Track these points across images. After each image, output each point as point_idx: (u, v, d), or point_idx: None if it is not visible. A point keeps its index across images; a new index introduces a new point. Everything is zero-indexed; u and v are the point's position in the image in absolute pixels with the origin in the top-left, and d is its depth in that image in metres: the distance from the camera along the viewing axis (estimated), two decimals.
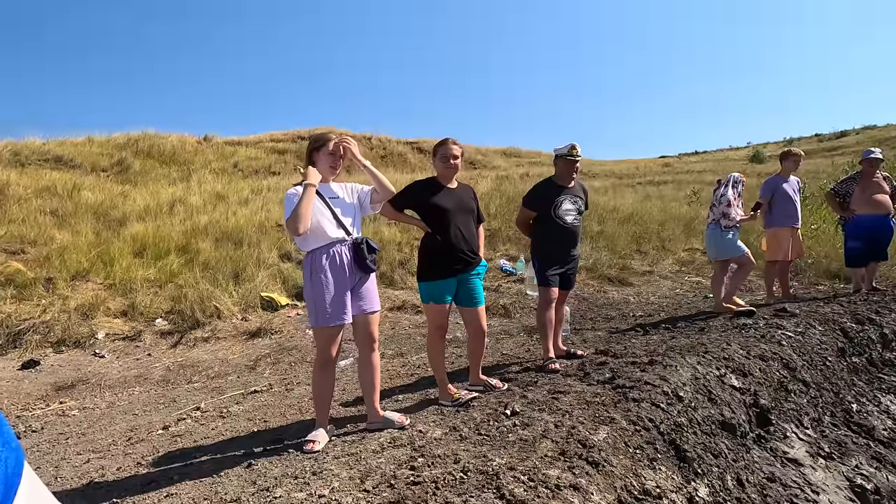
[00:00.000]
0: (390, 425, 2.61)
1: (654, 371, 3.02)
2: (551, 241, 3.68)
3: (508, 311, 6.33)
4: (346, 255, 2.60)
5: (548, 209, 3.63)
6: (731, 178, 5.16)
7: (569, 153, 3.68)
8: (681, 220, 11.51)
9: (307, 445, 2.45)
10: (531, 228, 3.79)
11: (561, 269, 3.70)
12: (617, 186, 17.54)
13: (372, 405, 2.69)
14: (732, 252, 4.99)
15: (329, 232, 2.57)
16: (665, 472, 2.19)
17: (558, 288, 3.71)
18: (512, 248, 9.32)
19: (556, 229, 3.65)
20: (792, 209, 5.27)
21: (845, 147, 33.36)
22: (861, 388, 3.85)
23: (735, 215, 4.92)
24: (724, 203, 4.95)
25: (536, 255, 3.72)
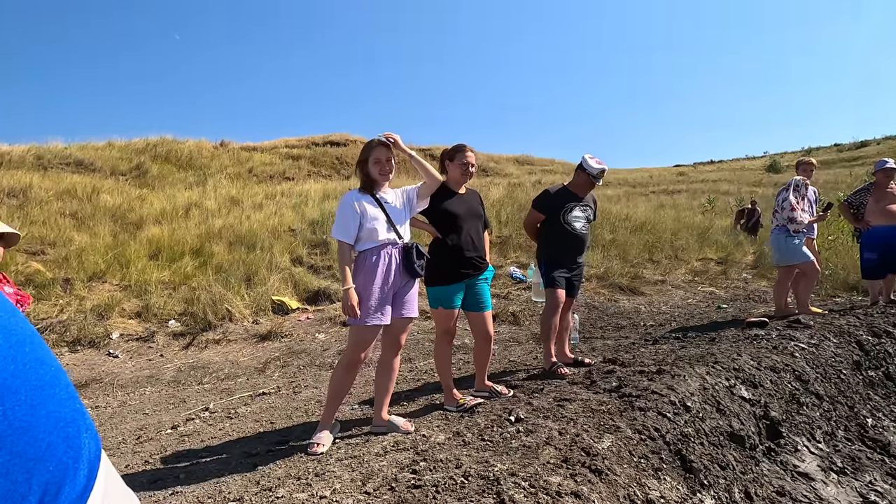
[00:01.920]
0: (394, 429, 2.62)
1: (661, 380, 2.99)
2: (558, 246, 3.67)
3: (517, 318, 6.30)
4: (395, 258, 2.66)
5: (557, 213, 3.63)
6: (792, 182, 5.18)
7: (598, 175, 3.65)
8: (694, 230, 11.38)
9: (312, 448, 2.46)
10: (538, 232, 3.78)
11: (567, 273, 3.68)
12: (630, 195, 17.43)
13: (380, 408, 2.70)
14: (796, 258, 5.04)
15: (381, 235, 2.62)
16: (670, 483, 2.16)
17: (563, 288, 3.69)
18: (522, 256, 9.29)
19: (565, 234, 3.64)
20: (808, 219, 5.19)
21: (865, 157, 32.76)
22: (877, 403, 3.76)
23: (802, 218, 4.94)
24: (787, 208, 4.98)
25: (542, 258, 3.71)
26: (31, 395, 0.31)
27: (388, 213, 2.67)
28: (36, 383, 0.32)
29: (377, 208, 2.65)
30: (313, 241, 8.78)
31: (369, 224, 2.60)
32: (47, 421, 0.32)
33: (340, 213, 2.61)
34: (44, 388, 0.32)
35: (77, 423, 0.35)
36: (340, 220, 2.61)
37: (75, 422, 0.35)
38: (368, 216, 2.61)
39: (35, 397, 0.31)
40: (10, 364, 0.30)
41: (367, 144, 2.71)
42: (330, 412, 2.65)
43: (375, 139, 2.69)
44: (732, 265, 9.49)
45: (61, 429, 0.33)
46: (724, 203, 15.54)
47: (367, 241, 2.61)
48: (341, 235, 2.61)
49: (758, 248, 10.11)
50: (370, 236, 2.61)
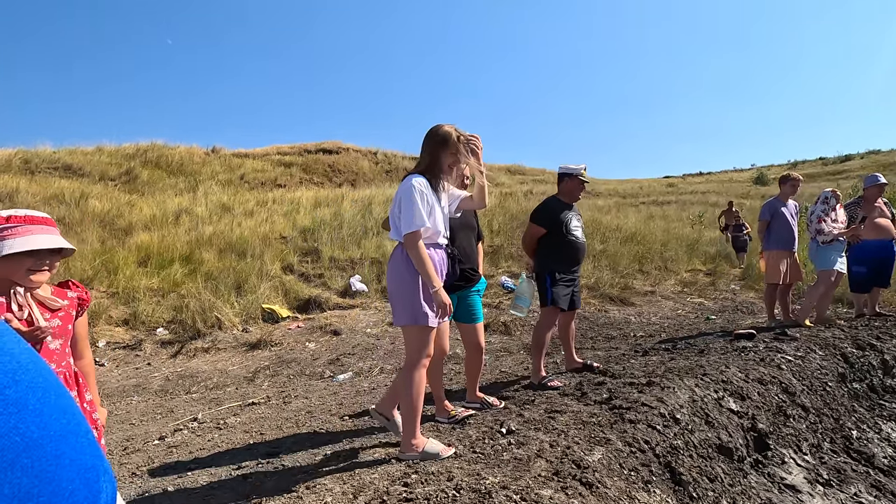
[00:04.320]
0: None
1: (651, 392, 3.01)
2: (565, 257, 3.69)
3: (509, 328, 6.32)
4: (445, 260, 2.48)
5: (559, 226, 3.66)
6: (823, 194, 5.36)
7: (580, 173, 3.73)
8: (684, 241, 11.51)
9: (444, 452, 2.31)
10: (538, 246, 3.78)
11: (571, 286, 3.71)
12: (620, 206, 17.59)
13: (389, 402, 2.61)
14: (821, 265, 5.23)
15: (441, 236, 2.41)
16: (659, 496, 2.17)
17: (568, 308, 3.72)
18: (514, 266, 9.33)
19: (570, 246, 3.67)
20: (788, 233, 5.27)
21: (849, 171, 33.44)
22: (862, 415, 3.81)
23: (829, 229, 5.10)
24: (814, 221, 5.18)
25: (545, 272, 3.68)
26: (56, 446, 0.32)
27: (443, 212, 2.45)
28: (60, 433, 0.33)
29: (439, 205, 2.39)
30: (304, 248, 8.75)
31: (436, 219, 2.32)
32: (70, 469, 0.33)
33: (411, 200, 2.23)
34: (67, 437, 0.34)
35: (97, 469, 0.36)
36: (414, 208, 2.22)
37: (95, 468, 0.36)
38: (435, 211, 2.33)
39: (59, 447, 0.33)
40: (38, 418, 0.32)
41: (452, 135, 2.36)
42: (415, 428, 2.37)
43: (464, 137, 2.39)
44: (721, 277, 9.61)
45: (82, 475, 0.34)
46: (712, 214, 15.74)
47: (427, 237, 2.31)
48: (420, 222, 2.21)
49: (746, 263, 10.23)
50: (433, 234, 2.33)
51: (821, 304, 5.42)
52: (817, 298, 5.35)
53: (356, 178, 21.06)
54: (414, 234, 2.23)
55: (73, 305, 1.70)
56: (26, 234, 1.49)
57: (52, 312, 1.61)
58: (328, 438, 2.87)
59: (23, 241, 1.47)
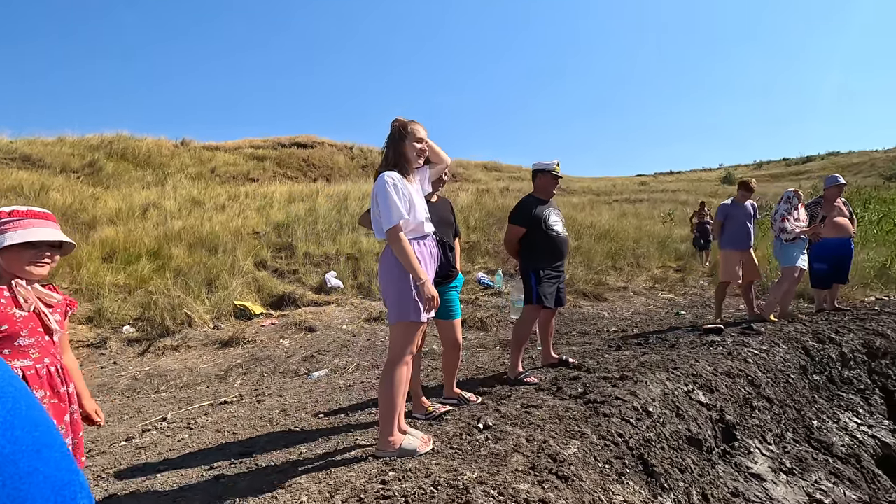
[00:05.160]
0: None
1: (624, 386, 3.07)
2: (548, 254, 3.71)
3: (485, 324, 6.35)
4: (435, 250, 2.46)
5: (538, 223, 3.68)
6: (786, 194, 5.56)
7: (553, 169, 3.77)
8: (655, 238, 11.78)
9: (421, 448, 2.30)
10: (520, 246, 3.78)
11: (556, 282, 3.74)
12: (594, 203, 17.88)
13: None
14: (784, 262, 5.42)
15: (426, 226, 2.37)
16: (633, 487, 2.22)
17: (554, 305, 3.75)
18: (490, 262, 9.38)
19: (551, 241, 3.70)
20: (741, 234, 5.43)
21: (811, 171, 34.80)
22: (822, 406, 3.98)
23: (792, 228, 5.31)
24: (778, 219, 5.39)
25: (532, 270, 3.68)
26: (28, 462, 0.30)
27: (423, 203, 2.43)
28: (33, 447, 0.31)
29: (417, 195, 2.37)
30: (278, 244, 8.59)
31: (416, 209, 2.30)
32: (44, 486, 0.31)
33: (387, 195, 2.20)
34: (41, 452, 0.31)
35: (73, 485, 0.34)
36: (392, 202, 2.20)
37: (71, 484, 0.34)
38: (415, 202, 2.31)
39: (33, 463, 0.30)
40: (7, 431, 0.29)
41: (404, 122, 2.38)
42: (392, 425, 2.31)
43: (409, 121, 2.40)
44: (690, 273, 9.88)
45: (58, 492, 0.32)
46: (682, 212, 16.16)
47: (412, 230, 2.30)
48: (399, 216, 2.19)
49: (712, 260, 10.54)
50: (416, 226, 2.32)
51: (784, 300, 5.63)
52: (781, 294, 5.55)
53: (331, 173, 20.79)
54: (395, 228, 2.21)
55: (63, 303, 1.72)
56: (27, 227, 1.55)
57: (51, 307, 1.64)
58: (303, 437, 2.83)
59: (24, 233, 1.53)
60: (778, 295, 5.57)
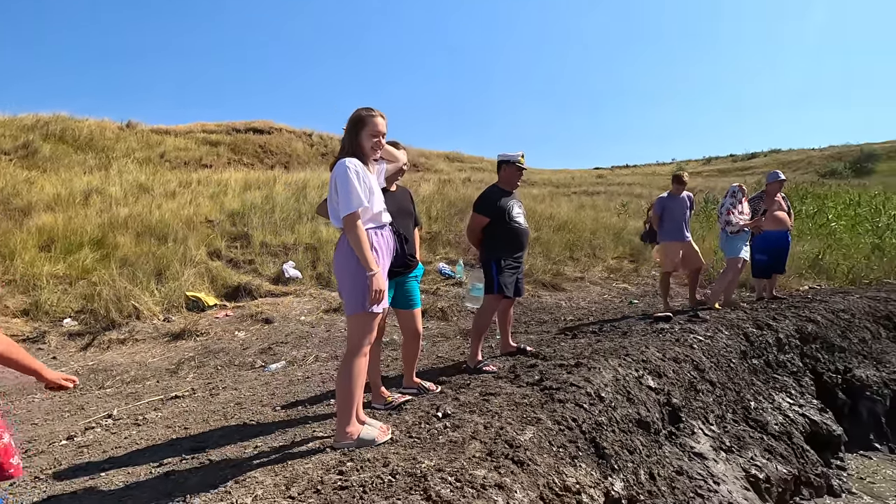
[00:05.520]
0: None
1: (579, 373, 3.17)
2: (510, 245, 3.76)
3: (446, 314, 6.39)
4: (392, 240, 2.46)
5: (502, 214, 3.72)
6: (731, 189, 5.87)
7: (518, 161, 3.81)
8: (611, 230, 12.14)
9: (380, 438, 2.30)
10: (483, 236, 3.82)
11: (516, 273, 3.80)
12: (554, 195, 18.22)
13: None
14: (729, 253, 5.71)
15: (384, 215, 2.37)
16: (585, 469, 2.31)
17: (513, 295, 3.81)
18: (452, 252, 9.42)
19: (513, 232, 3.75)
20: (678, 225, 5.70)
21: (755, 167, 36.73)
22: (759, 388, 4.25)
23: (736, 221, 5.59)
24: (723, 213, 5.67)
25: (494, 260, 3.73)
26: None
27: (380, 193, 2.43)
28: None
29: (376, 185, 2.37)
30: (233, 233, 8.32)
31: (375, 198, 2.29)
32: None
33: (347, 181, 2.18)
34: None
35: None
36: (351, 188, 2.17)
37: None
38: (374, 191, 2.30)
39: None
40: None
41: (362, 114, 2.34)
42: (350, 416, 2.28)
43: (374, 110, 2.36)
44: (643, 263, 10.26)
45: None
46: (637, 205, 16.73)
47: (370, 219, 2.30)
48: (358, 202, 2.18)
49: None
50: (374, 215, 2.31)
51: (728, 289, 5.95)
52: (726, 284, 5.87)
53: (289, 160, 20.23)
54: (352, 215, 2.19)
55: None
56: None
57: None
58: (259, 430, 2.77)
59: None
60: (723, 284, 5.88)
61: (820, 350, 5.04)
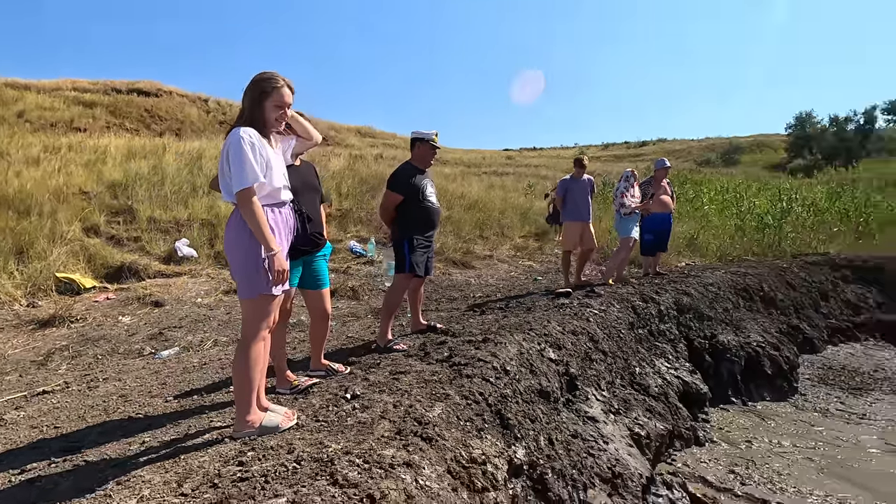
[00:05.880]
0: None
1: (486, 348, 3.29)
2: (422, 224, 3.74)
3: (357, 293, 6.28)
4: (292, 219, 2.31)
5: (415, 193, 3.68)
6: (625, 173, 6.35)
7: (432, 139, 3.77)
8: (518, 210, 12.66)
9: (284, 423, 2.19)
10: (396, 215, 3.76)
11: (427, 251, 3.80)
12: (465, 174, 18.54)
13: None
14: (622, 233, 6.21)
15: (284, 193, 2.21)
16: (490, 440, 2.41)
17: (423, 274, 3.81)
18: (363, 230, 9.25)
19: (426, 212, 3.73)
20: (579, 207, 6.05)
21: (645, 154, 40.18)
22: (643, 355, 4.73)
23: (629, 203, 6.08)
24: (618, 196, 6.13)
25: (404, 239, 3.70)
26: None
27: (282, 167, 2.27)
28: None
29: (277, 159, 2.21)
30: (114, 207, 7.43)
31: (273, 173, 2.13)
32: None
33: (241, 153, 2.01)
34: None
35: None
36: (245, 161, 2.00)
37: None
38: (272, 165, 2.13)
39: None
40: None
41: (264, 79, 2.14)
42: (249, 404, 2.16)
43: (281, 78, 2.16)
44: (547, 242, 10.85)
45: None
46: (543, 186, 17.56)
47: (267, 196, 2.14)
48: (254, 177, 2.01)
49: None
50: (272, 191, 2.15)
51: (620, 266, 6.49)
52: (619, 261, 6.39)
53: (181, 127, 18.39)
54: (247, 190, 2.02)
55: None
56: None
57: None
58: (147, 424, 2.54)
59: None
60: (617, 262, 6.39)
61: (692, 319, 5.71)
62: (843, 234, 11.71)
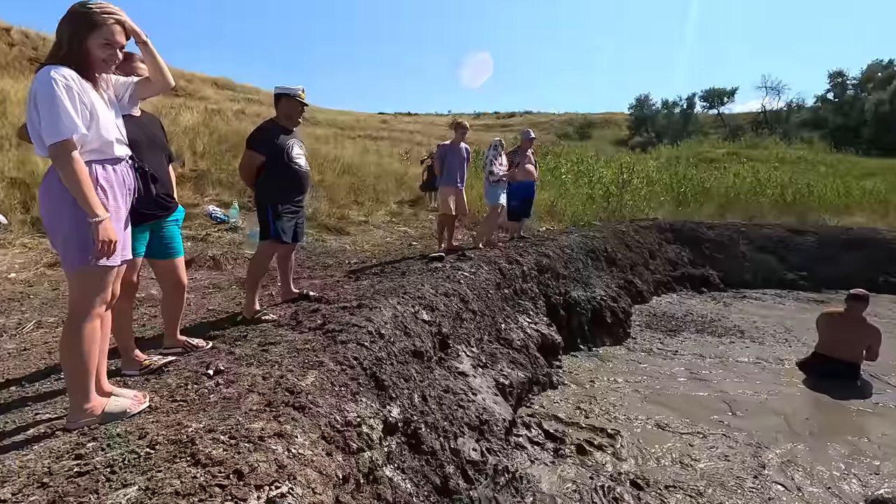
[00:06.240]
0: None
1: (361, 314, 3.29)
2: (287, 188, 3.51)
3: (218, 262, 5.77)
4: (130, 178, 2.00)
5: (280, 153, 3.42)
6: (493, 143, 6.54)
7: (299, 95, 3.52)
8: (394, 175, 12.61)
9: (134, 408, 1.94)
10: (258, 176, 3.47)
11: (295, 217, 3.60)
12: (338, 137, 17.84)
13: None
14: (491, 200, 6.45)
15: (116, 148, 1.90)
16: (365, 403, 2.45)
17: (292, 240, 3.60)
18: (224, 193, 8.48)
19: (292, 175, 3.50)
20: (455, 173, 6.20)
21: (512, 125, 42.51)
22: (508, 312, 5.15)
23: (497, 171, 6.33)
24: (487, 164, 6.35)
25: (270, 204, 3.45)
26: None
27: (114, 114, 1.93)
28: None
29: (105, 105, 1.88)
30: None
31: (101, 124, 1.82)
32: None
33: (54, 98, 1.66)
34: None
35: None
36: (59, 108, 1.67)
37: None
38: (98, 115, 1.81)
39: None
40: None
41: (90, 11, 1.78)
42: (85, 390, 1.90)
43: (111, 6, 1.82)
44: (422, 208, 11.04)
45: None
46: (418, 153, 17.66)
47: (94, 151, 1.82)
48: (71, 127, 1.69)
49: None
50: (102, 145, 1.84)
51: (489, 231, 6.88)
52: (489, 227, 6.76)
53: None
54: (63, 144, 1.70)
55: None
56: None
57: None
58: None
59: None
60: (487, 227, 6.76)
61: (550, 278, 6.33)
62: (668, 203, 13.80)
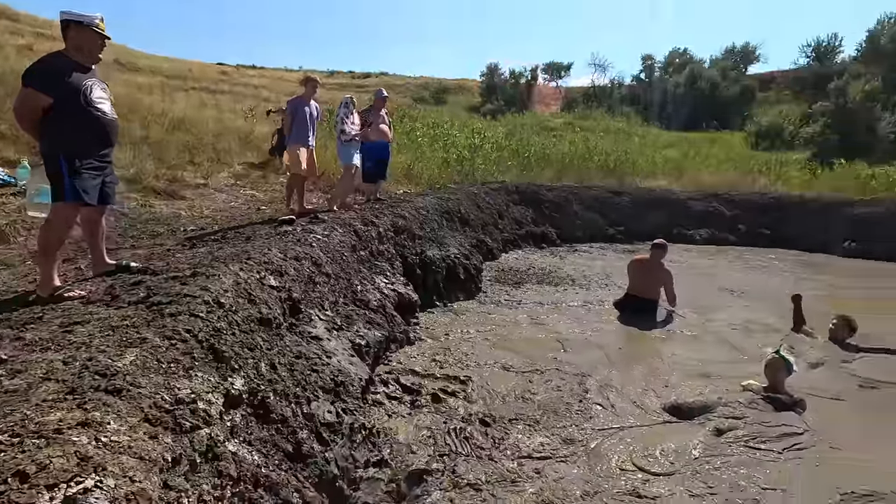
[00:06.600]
0: None
1: (196, 283, 2.96)
2: (89, 138, 2.91)
3: (5, 234, 4.69)
4: None
5: (74, 95, 2.80)
6: (344, 100, 6.29)
7: (96, 24, 2.89)
8: (237, 133, 11.44)
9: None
10: (44, 123, 2.81)
11: (101, 175, 3.01)
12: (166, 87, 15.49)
13: None
14: (344, 160, 6.23)
15: None
16: (201, 377, 2.23)
17: (99, 202, 3.01)
18: (9, 150, 6.86)
19: (94, 122, 2.91)
20: (306, 130, 5.86)
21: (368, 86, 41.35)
22: (365, 274, 5.11)
23: (349, 130, 6.10)
24: (338, 123, 6.09)
25: (64, 156, 2.82)
26: None
27: None
28: None
29: None
30: None
31: None
32: None
33: None
34: None
35: None
36: None
37: None
38: None
39: None
40: None
41: None
42: None
43: None
44: (271, 171, 10.24)
45: None
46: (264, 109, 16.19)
47: None
48: None
49: None
50: None
51: (344, 193, 6.68)
52: (343, 188, 6.54)
53: None
54: None
55: None
56: None
57: None
58: None
59: None
60: (341, 189, 6.54)
61: (407, 239, 6.42)
62: (514, 168, 14.87)
